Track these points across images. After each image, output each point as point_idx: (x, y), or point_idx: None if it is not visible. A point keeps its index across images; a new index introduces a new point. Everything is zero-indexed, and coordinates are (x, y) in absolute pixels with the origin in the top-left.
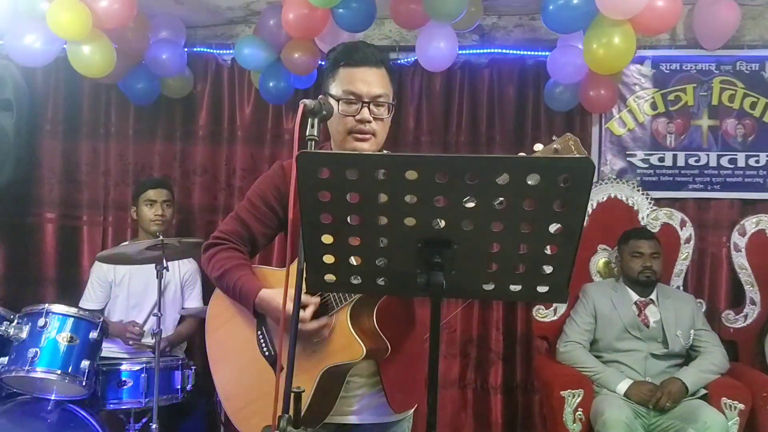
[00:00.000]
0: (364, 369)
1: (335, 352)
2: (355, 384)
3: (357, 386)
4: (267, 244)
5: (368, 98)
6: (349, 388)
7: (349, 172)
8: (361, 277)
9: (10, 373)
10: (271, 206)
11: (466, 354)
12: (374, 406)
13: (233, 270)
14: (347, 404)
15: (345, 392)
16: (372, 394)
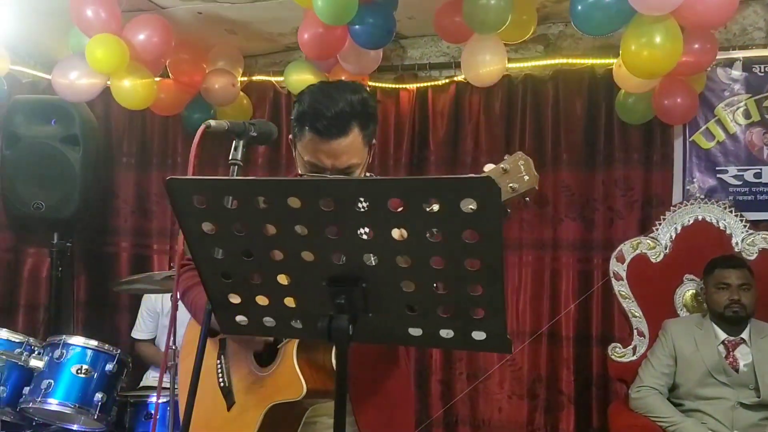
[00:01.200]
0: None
1: (278, 389)
2: (323, 425)
3: (325, 427)
4: None
5: (334, 171)
6: (316, 427)
7: (227, 201)
8: (273, 318)
9: (28, 403)
10: None
11: (534, 395)
12: None
13: (195, 288)
14: None
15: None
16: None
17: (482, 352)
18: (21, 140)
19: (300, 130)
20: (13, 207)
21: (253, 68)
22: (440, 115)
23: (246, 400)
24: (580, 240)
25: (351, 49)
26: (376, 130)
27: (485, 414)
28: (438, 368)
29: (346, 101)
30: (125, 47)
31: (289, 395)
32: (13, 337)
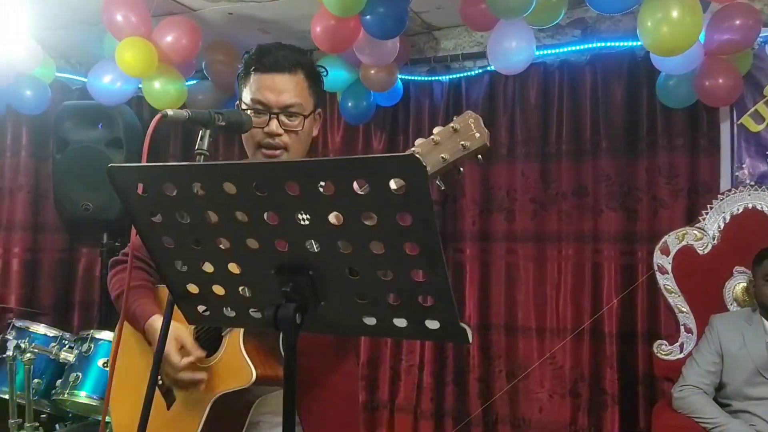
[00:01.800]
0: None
1: (225, 378)
2: (267, 424)
3: (270, 426)
4: None
5: (277, 108)
6: (261, 428)
7: (166, 187)
8: (232, 308)
9: (59, 395)
10: None
11: (576, 394)
12: None
13: (135, 290)
14: None
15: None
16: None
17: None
18: (70, 145)
19: (245, 76)
20: (65, 209)
21: None
22: (474, 107)
23: (187, 395)
24: (622, 232)
25: (365, 40)
26: (323, 99)
27: (526, 413)
28: (476, 365)
29: (295, 50)
30: (154, 50)
31: (237, 383)
32: (50, 332)
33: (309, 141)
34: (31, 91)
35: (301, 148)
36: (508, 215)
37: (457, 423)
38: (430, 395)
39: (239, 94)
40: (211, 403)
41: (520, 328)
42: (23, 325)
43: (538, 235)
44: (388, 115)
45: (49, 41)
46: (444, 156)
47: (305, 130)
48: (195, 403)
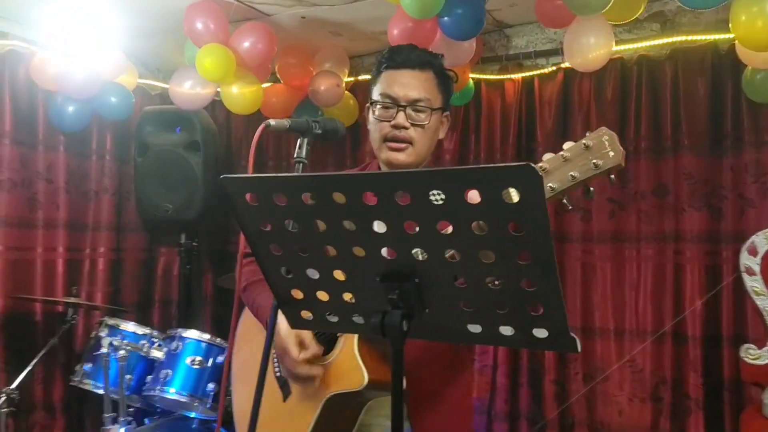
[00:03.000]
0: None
1: (338, 378)
2: (380, 428)
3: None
4: None
5: (405, 102)
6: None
7: (276, 198)
8: (335, 314)
9: (150, 391)
10: None
11: (657, 398)
12: None
13: (256, 284)
14: None
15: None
16: None
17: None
18: (150, 148)
19: (377, 75)
20: (146, 210)
21: (359, 68)
22: (548, 105)
23: (303, 390)
24: (706, 231)
25: (442, 41)
26: (448, 103)
27: (604, 417)
28: (552, 368)
29: (427, 53)
30: (232, 55)
31: (350, 385)
32: (139, 330)
33: (434, 140)
34: (116, 98)
35: (427, 144)
36: (585, 215)
37: (532, 425)
38: (504, 396)
39: (370, 95)
40: (324, 400)
41: (598, 329)
42: (114, 322)
43: (616, 235)
44: (459, 115)
45: (131, 49)
46: (573, 174)
47: (431, 126)
48: (310, 398)
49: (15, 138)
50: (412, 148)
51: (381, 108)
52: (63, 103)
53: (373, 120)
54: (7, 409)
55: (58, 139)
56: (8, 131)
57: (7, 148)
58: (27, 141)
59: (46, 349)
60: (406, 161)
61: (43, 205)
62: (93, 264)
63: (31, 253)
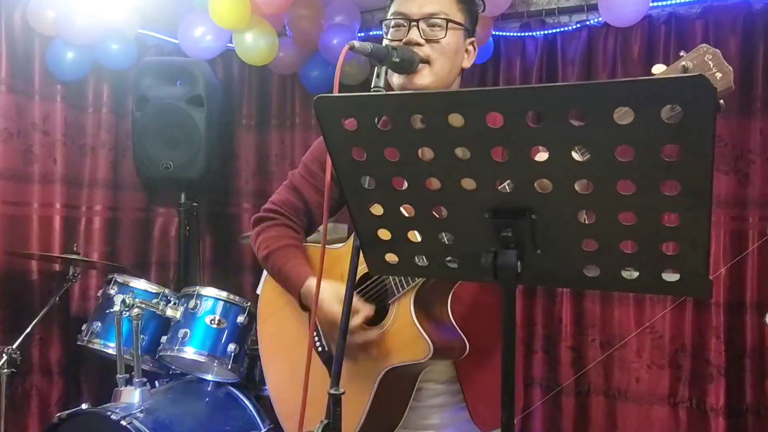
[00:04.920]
0: (441, 373)
1: (396, 350)
2: (429, 392)
3: (432, 394)
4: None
5: (418, 16)
6: (422, 396)
7: (380, 121)
8: (426, 257)
9: (166, 351)
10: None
11: (676, 365)
12: (456, 421)
13: (280, 252)
14: (421, 416)
15: (417, 401)
16: (452, 406)
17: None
18: (150, 102)
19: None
20: (145, 167)
21: (370, 23)
22: (571, 64)
23: (354, 365)
24: (732, 196)
25: None
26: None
27: (621, 384)
28: (569, 334)
29: None
30: (247, 1)
31: (413, 355)
32: (150, 288)
33: (457, 64)
34: (118, 46)
35: (447, 65)
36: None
37: (546, 392)
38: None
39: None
40: (381, 374)
41: (616, 295)
42: (124, 280)
43: None
44: (477, 73)
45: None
46: None
47: (451, 43)
48: (363, 373)
49: (11, 85)
50: (429, 68)
51: (393, 28)
52: (61, 50)
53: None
54: (8, 370)
55: (56, 88)
56: (4, 77)
57: (3, 95)
58: (23, 89)
59: (48, 308)
60: (422, 83)
61: (39, 158)
62: (89, 222)
63: (27, 209)
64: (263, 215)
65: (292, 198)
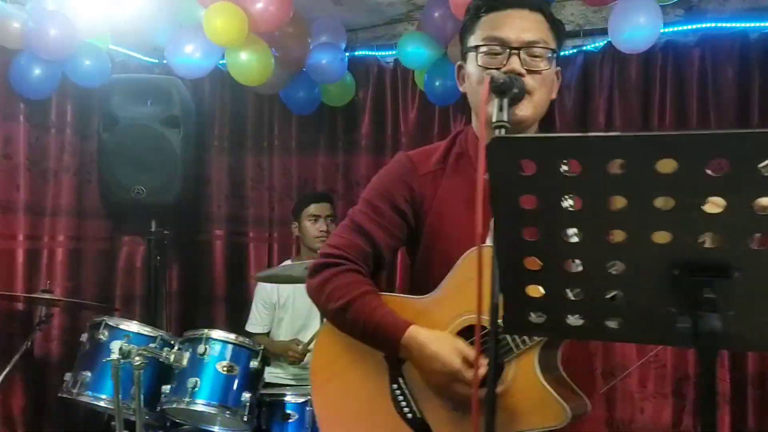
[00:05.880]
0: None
1: (524, 413)
2: None
3: None
4: (392, 260)
5: (518, 44)
6: None
7: (567, 165)
8: (582, 316)
9: (172, 404)
10: (400, 210)
11: (680, 395)
12: None
13: (362, 300)
14: None
15: None
16: None
17: None
18: (119, 122)
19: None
20: (112, 193)
21: (354, 43)
22: (566, 89)
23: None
24: None
25: None
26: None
27: (624, 415)
28: None
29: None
30: (244, 17)
31: (546, 421)
32: (144, 330)
33: (550, 95)
34: (91, 61)
35: (545, 98)
36: None
37: None
38: None
39: (463, 46)
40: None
41: None
42: (115, 323)
43: None
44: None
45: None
46: None
47: (550, 76)
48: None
49: None
50: (529, 100)
51: (486, 54)
52: (28, 65)
53: (474, 71)
54: None
55: (18, 107)
56: None
57: None
58: None
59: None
60: (523, 115)
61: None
62: (51, 254)
63: None
64: (327, 261)
65: (358, 241)
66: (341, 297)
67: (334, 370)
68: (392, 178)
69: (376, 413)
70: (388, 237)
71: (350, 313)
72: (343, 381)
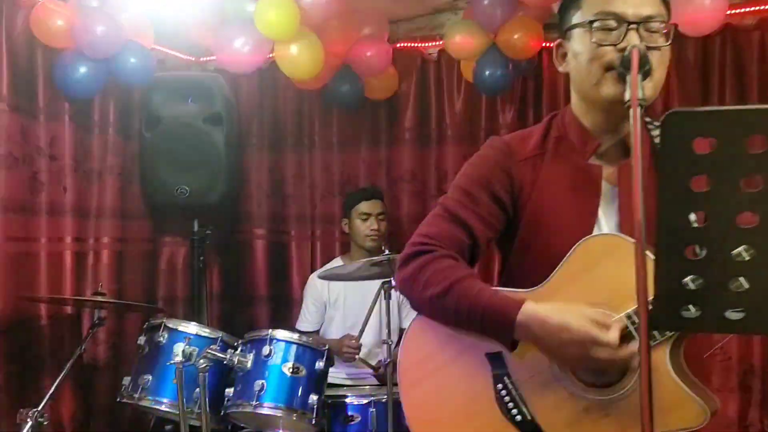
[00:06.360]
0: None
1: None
2: None
3: None
4: (485, 252)
5: (635, 19)
6: None
7: (752, 141)
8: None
9: (237, 408)
10: (499, 199)
11: (746, 388)
12: None
13: (464, 282)
14: None
15: None
16: None
17: None
18: (162, 121)
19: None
20: (154, 193)
21: (396, 35)
22: None
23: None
24: None
25: None
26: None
27: None
28: None
29: None
30: (296, 9)
31: (685, 422)
32: (203, 332)
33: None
34: (136, 59)
35: (663, 75)
36: None
37: None
38: None
39: (566, 23)
40: None
41: None
42: (174, 324)
43: None
44: (518, 85)
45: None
46: None
47: (666, 53)
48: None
49: (13, 104)
50: (650, 79)
51: (599, 29)
52: (73, 63)
53: (584, 49)
54: None
55: (63, 107)
56: (5, 95)
57: (6, 115)
58: (27, 108)
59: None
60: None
61: (47, 187)
62: (96, 256)
63: (34, 245)
64: (419, 249)
65: (454, 230)
66: (440, 281)
67: (427, 369)
68: (489, 164)
69: (477, 415)
70: (486, 227)
71: (451, 297)
72: (437, 381)
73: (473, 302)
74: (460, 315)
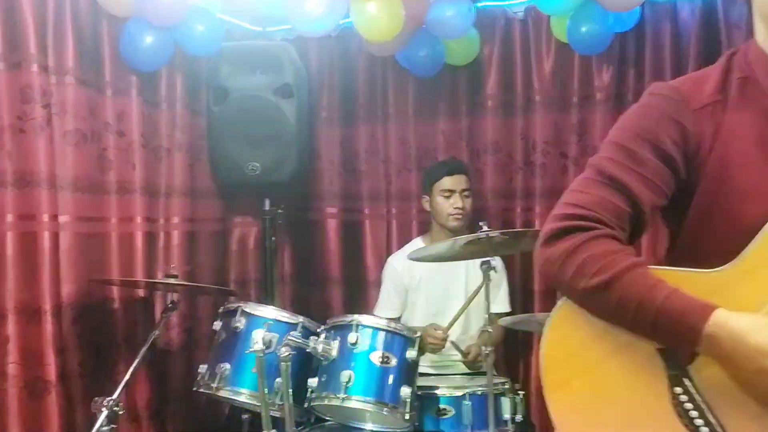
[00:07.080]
0: None
1: None
2: None
3: None
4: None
5: None
6: None
7: None
8: None
9: (323, 400)
10: (668, 157)
11: None
12: None
13: (632, 273)
14: None
15: None
16: None
17: None
18: (230, 95)
19: None
20: (224, 171)
21: None
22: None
23: None
24: None
25: None
26: None
27: None
28: None
29: None
30: None
31: None
32: (282, 317)
33: None
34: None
35: None
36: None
37: None
38: None
39: None
40: None
41: None
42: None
43: None
44: (615, 43)
45: None
46: None
47: None
48: None
49: (80, 78)
50: None
51: None
52: (138, 33)
53: None
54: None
55: (130, 80)
56: (71, 68)
57: (73, 89)
58: (94, 82)
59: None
60: None
61: (116, 165)
62: (167, 237)
63: (104, 225)
64: (570, 225)
65: (612, 197)
66: (600, 271)
67: (578, 366)
68: (655, 115)
69: (648, 423)
70: (652, 192)
71: (616, 291)
72: (592, 380)
73: (644, 301)
74: (624, 313)
